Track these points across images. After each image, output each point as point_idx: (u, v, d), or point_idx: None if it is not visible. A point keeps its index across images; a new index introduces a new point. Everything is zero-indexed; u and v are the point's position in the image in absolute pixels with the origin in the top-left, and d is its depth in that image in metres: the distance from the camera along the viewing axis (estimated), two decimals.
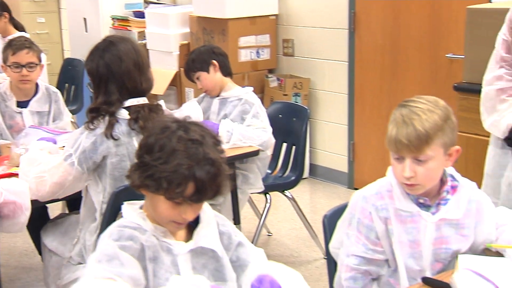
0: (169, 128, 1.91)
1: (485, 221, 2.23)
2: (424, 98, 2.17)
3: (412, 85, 5.17)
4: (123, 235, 1.91)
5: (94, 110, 2.97)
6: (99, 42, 3.07)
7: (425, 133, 2.06)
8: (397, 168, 2.13)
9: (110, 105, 2.95)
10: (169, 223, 1.95)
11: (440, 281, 2.07)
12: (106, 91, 2.97)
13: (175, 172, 1.84)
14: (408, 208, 2.19)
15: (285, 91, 5.96)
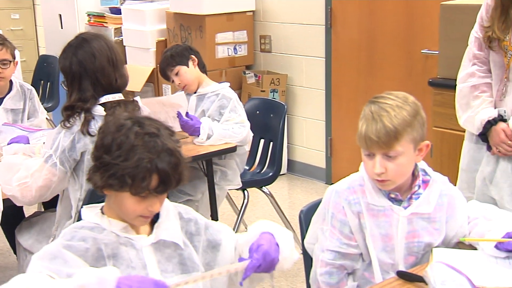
0: (124, 125, 1.92)
1: (457, 215, 2.25)
2: (393, 94, 2.18)
3: (388, 81, 5.19)
4: (76, 236, 1.91)
5: (69, 108, 2.96)
6: (72, 39, 3.06)
7: (394, 129, 2.07)
8: (368, 164, 2.15)
9: (84, 102, 2.94)
10: (137, 218, 1.95)
11: (414, 275, 2.09)
12: (80, 88, 2.96)
13: (137, 167, 1.85)
14: (380, 202, 2.21)
15: (262, 87, 5.97)
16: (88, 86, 2.95)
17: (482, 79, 3.07)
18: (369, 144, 2.11)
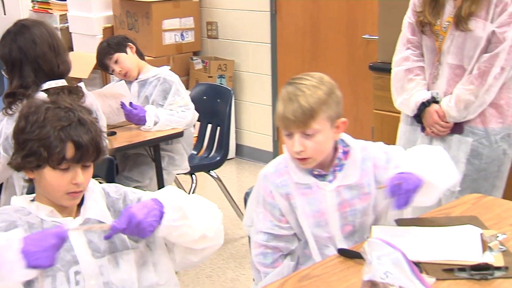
0: (35, 105, 1.92)
1: (383, 174, 2.26)
2: (309, 75, 2.19)
3: (331, 65, 5.23)
4: (1, 217, 1.90)
5: (11, 95, 2.92)
6: (11, 26, 3.02)
7: (310, 108, 2.09)
8: (288, 144, 2.16)
9: (26, 88, 2.90)
10: (64, 196, 1.93)
11: (353, 251, 2.12)
12: (21, 75, 2.92)
13: (50, 137, 1.84)
14: (305, 180, 2.23)
15: (209, 73, 5.96)
16: (29, 72, 2.91)
17: (415, 63, 3.15)
18: (287, 124, 2.12)
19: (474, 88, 2.93)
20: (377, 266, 1.66)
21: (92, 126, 1.92)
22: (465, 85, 2.96)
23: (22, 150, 1.89)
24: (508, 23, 2.87)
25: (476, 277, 1.95)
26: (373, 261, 1.68)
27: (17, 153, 1.91)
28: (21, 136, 1.90)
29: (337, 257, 2.13)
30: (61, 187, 1.91)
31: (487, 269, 1.96)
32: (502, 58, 2.89)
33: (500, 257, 2.04)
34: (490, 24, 2.89)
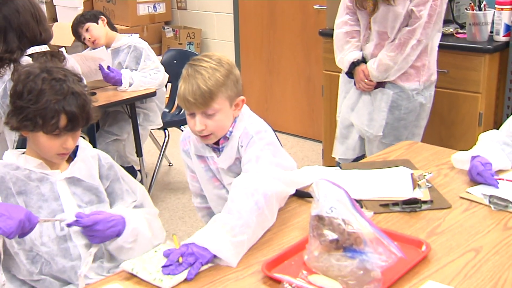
0: (33, 73, 1.90)
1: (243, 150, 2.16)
2: (208, 56, 2.07)
3: (287, 33, 5.23)
4: None
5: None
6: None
7: (209, 90, 1.98)
8: (190, 123, 2.07)
9: (11, 53, 2.88)
10: (54, 156, 1.94)
11: (304, 192, 2.14)
12: (6, 41, 2.90)
13: (46, 108, 1.85)
14: (202, 153, 2.21)
15: (180, 41, 5.92)
16: (14, 38, 2.89)
17: (352, 27, 3.27)
18: (188, 105, 2.02)
19: (394, 56, 3.07)
20: (323, 202, 1.68)
21: (83, 96, 1.91)
22: (387, 52, 3.09)
23: (19, 115, 1.88)
24: (424, 3, 3.00)
25: (407, 210, 2.00)
26: (320, 198, 1.70)
27: (14, 116, 1.90)
28: (18, 101, 1.89)
29: (290, 197, 2.13)
30: (52, 150, 1.92)
31: (416, 203, 2.02)
32: (419, 33, 3.03)
33: (427, 192, 2.10)
34: (409, 3, 3.02)
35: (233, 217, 1.76)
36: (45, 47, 2.96)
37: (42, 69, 1.91)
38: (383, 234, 1.64)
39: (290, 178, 2.03)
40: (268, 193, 1.85)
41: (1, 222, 1.68)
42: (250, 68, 5.63)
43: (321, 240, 1.64)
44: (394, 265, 1.61)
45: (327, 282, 1.60)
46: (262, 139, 2.09)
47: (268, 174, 1.93)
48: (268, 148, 2.06)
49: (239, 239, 1.74)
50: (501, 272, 1.65)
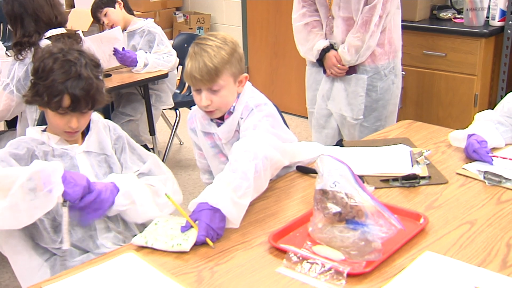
0: (49, 52, 1.90)
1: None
2: (214, 35, 2.06)
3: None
4: (20, 145, 1.91)
5: (18, 44, 2.91)
6: None
7: (214, 67, 1.97)
8: (197, 98, 2.07)
9: (29, 37, 2.89)
10: (63, 133, 1.95)
11: (308, 168, 2.16)
12: (23, 26, 2.91)
13: (51, 86, 1.85)
14: (207, 129, 2.19)
15: (190, 25, 5.90)
16: (30, 23, 2.90)
17: (311, 18, 3.20)
18: (194, 82, 2.02)
19: (361, 35, 3.01)
20: (327, 177, 1.68)
21: (89, 81, 1.89)
22: (353, 34, 3.03)
23: (33, 89, 1.90)
24: None
25: (406, 185, 2.01)
26: (324, 173, 1.70)
27: (30, 90, 1.92)
28: (33, 77, 1.91)
29: (295, 173, 2.16)
30: (60, 127, 1.92)
31: (415, 178, 2.02)
32: (379, 8, 2.96)
33: (425, 169, 2.10)
34: None
35: (237, 176, 1.77)
36: (62, 29, 2.96)
37: (60, 50, 1.91)
38: (383, 207, 1.64)
39: (285, 148, 2.02)
40: (266, 158, 1.85)
41: (69, 188, 1.71)
42: (256, 52, 5.61)
43: (325, 212, 1.65)
44: (394, 236, 1.61)
45: (330, 252, 1.60)
46: (261, 111, 2.08)
47: (265, 140, 1.93)
48: (266, 119, 2.05)
49: (244, 202, 1.75)
50: (494, 243, 1.65)
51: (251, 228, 1.79)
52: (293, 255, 1.58)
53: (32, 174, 1.64)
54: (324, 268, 1.53)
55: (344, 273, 1.50)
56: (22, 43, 2.89)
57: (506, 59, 3.67)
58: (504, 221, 1.77)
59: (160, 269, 1.59)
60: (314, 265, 1.55)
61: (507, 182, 1.99)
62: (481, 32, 3.60)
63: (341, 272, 1.51)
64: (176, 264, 1.62)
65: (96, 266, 1.63)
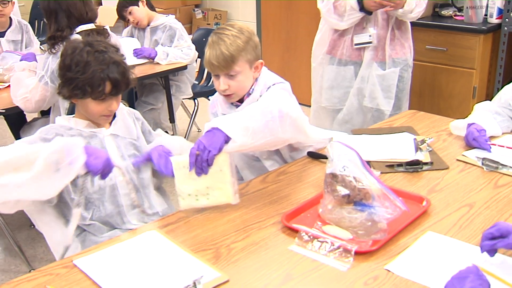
0: (78, 47, 1.91)
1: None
2: (231, 25, 2.06)
3: (303, 15, 5.16)
4: (50, 131, 1.92)
5: (51, 38, 2.90)
6: None
7: (230, 55, 1.97)
8: (216, 84, 2.06)
9: (61, 31, 2.89)
10: (100, 118, 1.97)
11: (319, 153, 2.15)
12: (56, 20, 2.90)
13: (93, 77, 1.87)
14: (228, 112, 2.14)
15: (208, 21, 5.88)
16: (63, 18, 2.89)
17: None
18: (213, 68, 2.02)
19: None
20: (337, 162, 1.67)
21: (123, 64, 1.93)
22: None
23: (70, 85, 1.90)
24: None
25: (410, 170, 2.00)
26: (334, 158, 1.69)
27: (65, 86, 1.92)
28: (67, 73, 1.90)
29: (306, 158, 2.16)
30: (99, 112, 1.94)
31: (418, 164, 2.01)
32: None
33: (428, 155, 2.09)
34: None
35: (243, 112, 1.80)
36: (91, 25, 2.95)
37: (85, 43, 1.93)
38: (389, 190, 1.63)
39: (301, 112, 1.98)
40: (283, 110, 1.82)
41: (91, 160, 1.72)
42: (270, 46, 5.59)
43: (335, 195, 1.64)
44: (398, 217, 1.61)
45: (339, 231, 1.60)
46: (279, 86, 2.08)
47: (282, 96, 1.93)
48: (283, 91, 2.04)
49: (246, 125, 1.75)
50: (491, 224, 1.61)
51: (265, 209, 1.78)
52: (304, 234, 1.58)
53: (55, 148, 1.66)
54: (333, 246, 1.53)
55: (352, 251, 1.50)
56: (56, 37, 2.89)
57: (502, 54, 3.64)
58: (501, 204, 1.76)
59: (180, 246, 1.59)
60: (324, 243, 1.55)
61: (503, 168, 1.98)
62: (480, 28, 3.56)
63: (349, 250, 1.50)
64: (195, 241, 1.62)
65: (122, 242, 1.64)
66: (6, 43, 3.95)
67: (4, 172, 1.61)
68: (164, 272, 1.48)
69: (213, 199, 1.76)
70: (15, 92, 2.98)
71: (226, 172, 1.75)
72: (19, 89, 2.96)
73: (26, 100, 2.93)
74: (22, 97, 2.94)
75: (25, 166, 1.63)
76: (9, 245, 3.11)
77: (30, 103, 2.94)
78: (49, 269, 1.52)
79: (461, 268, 1.29)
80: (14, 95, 2.98)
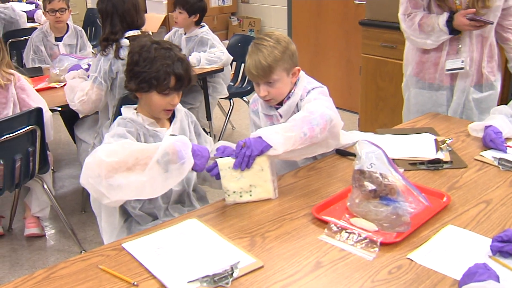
0: (145, 45, 1.90)
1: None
2: (269, 35, 2.01)
3: (331, 23, 5.12)
4: (128, 124, 1.89)
5: (105, 40, 2.91)
6: None
7: (268, 65, 1.94)
8: (257, 90, 2.05)
9: (115, 34, 2.89)
10: (161, 112, 1.94)
11: (347, 151, 2.13)
12: (112, 24, 2.91)
13: (160, 71, 1.85)
14: (268, 112, 2.14)
15: (243, 28, 5.88)
16: (117, 22, 2.90)
17: (422, 13, 2.55)
18: (253, 77, 2.00)
19: None
20: (365, 159, 1.66)
21: (186, 61, 1.91)
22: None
23: (137, 79, 1.88)
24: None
25: (431, 168, 1.97)
26: (362, 156, 1.68)
27: (131, 80, 1.90)
28: (135, 68, 1.89)
29: (334, 155, 2.14)
30: (161, 106, 1.91)
31: (439, 162, 1.98)
32: None
33: (448, 154, 2.06)
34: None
35: (287, 123, 1.80)
36: (137, 31, 2.97)
37: (152, 41, 1.92)
38: (413, 186, 1.61)
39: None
40: (333, 120, 1.82)
41: (198, 160, 1.71)
42: (299, 52, 5.44)
43: (362, 190, 1.63)
44: (421, 211, 1.59)
45: (365, 223, 1.59)
46: (318, 91, 2.06)
47: (323, 103, 1.91)
48: (323, 96, 2.02)
49: (288, 135, 1.74)
50: (506, 219, 1.62)
51: (296, 202, 1.78)
52: (333, 225, 1.57)
53: (166, 149, 1.65)
54: (360, 237, 1.52)
55: (378, 242, 1.48)
56: (109, 39, 2.90)
57: None
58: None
59: (219, 233, 1.60)
60: (351, 234, 1.53)
61: None
62: None
63: (375, 241, 1.49)
64: (232, 230, 1.62)
65: (166, 229, 1.64)
66: (63, 47, 4.03)
67: (118, 172, 1.60)
68: (204, 257, 1.48)
69: (255, 195, 1.78)
70: (71, 97, 2.98)
71: (266, 171, 1.76)
72: (75, 94, 2.96)
73: (84, 102, 2.94)
74: (80, 100, 2.94)
75: (138, 166, 1.62)
76: (63, 228, 3.17)
77: (88, 104, 2.95)
78: (101, 250, 1.54)
79: (478, 259, 1.28)
80: (71, 100, 2.97)
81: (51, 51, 4.03)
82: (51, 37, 4.02)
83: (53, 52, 4.02)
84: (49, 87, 3.36)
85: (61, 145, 4.56)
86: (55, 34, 4.02)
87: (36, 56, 4.02)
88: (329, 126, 1.83)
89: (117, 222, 1.92)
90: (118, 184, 1.60)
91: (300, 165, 2.14)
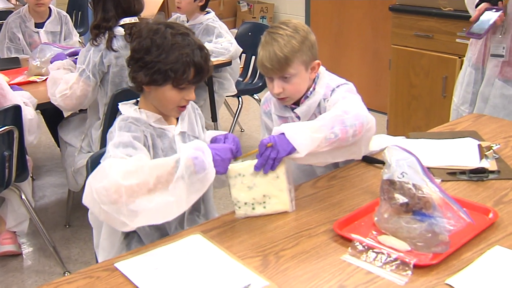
0: (159, 29, 1.83)
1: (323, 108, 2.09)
2: (285, 23, 2.00)
3: (355, 9, 5.14)
4: (132, 127, 1.84)
5: (96, 27, 2.93)
6: None
7: (284, 56, 1.93)
8: (270, 86, 2.03)
9: (107, 21, 2.91)
10: (174, 109, 1.90)
11: (375, 158, 2.13)
12: (104, 9, 2.93)
13: (178, 61, 1.79)
14: (282, 113, 2.14)
15: (253, 14, 5.91)
16: (111, 7, 2.92)
17: None
18: (266, 71, 1.99)
19: None
20: (395, 167, 1.65)
21: (205, 49, 1.86)
22: None
23: (149, 69, 1.81)
24: None
25: (474, 178, 1.96)
26: (392, 163, 1.67)
27: (141, 70, 1.83)
28: (146, 56, 1.81)
29: (359, 162, 2.13)
30: (175, 102, 1.87)
31: (483, 172, 1.98)
32: None
33: (494, 163, 2.05)
34: None
35: (315, 121, 1.81)
36: (135, 18, 2.98)
37: (165, 25, 1.85)
38: (452, 200, 1.61)
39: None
40: (360, 118, 1.83)
41: (219, 166, 1.72)
42: (319, 42, 5.50)
43: (392, 203, 1.63)
44: (462, 229, 1.58)
45: (396, 242, 1.58)
46: (344, 88, 2.06)
47: (355, 102, 1.91)
48: (351, 94, 2.03)
49: (316, 136, 1.74)
50: None
51: (315, 216, 1.78)
52: (358, 243, 1.57)
53: (187, 162, 1.66)
54: (390, 258, 1.52)
55: (411, 264, 1.48)
56: (101, 26, 2.92)
57: None
58: None
59: (226, 251, 1.60)
60: (379, 254, 1.53)
61: None
62: None
63: (407, 263, 1.49)
64: (241, 247, 1.63)
65: (165, 246, 1.65)
66: (45, 35, 4.05)
67: (139, 195, 1.61)
68: (209, 279, 1.49)
69: (270, 207, 1.78)
70: (52, 90, 3.00)
71: (282, 178, 1.77)
72: (57, 87, 2.98)
73: (66, 97, 2.96)
74: (61, 94, 2.96)
75: (159, 185, 1.63)
76: (43, 245, 3.19)
77: (70, 100, 2.97)
78: (89, 271, 1.55)
79: None
80: (52, 94, 2.99)
81: (30, 39, 4.06)
82: (30, 23, 4.04)
83: (32, 40, 4.06)
84: (28, 81, 3.38)
85: (41, 149, 4.60)
86: (35, 19, 4.05)
87: (13, 44, 4.06)
88: (364, 129, 1.83)
89: (118, 240, 1.93)
90: (142, 209, 1.61)
91: (319, 174, 2.15)
